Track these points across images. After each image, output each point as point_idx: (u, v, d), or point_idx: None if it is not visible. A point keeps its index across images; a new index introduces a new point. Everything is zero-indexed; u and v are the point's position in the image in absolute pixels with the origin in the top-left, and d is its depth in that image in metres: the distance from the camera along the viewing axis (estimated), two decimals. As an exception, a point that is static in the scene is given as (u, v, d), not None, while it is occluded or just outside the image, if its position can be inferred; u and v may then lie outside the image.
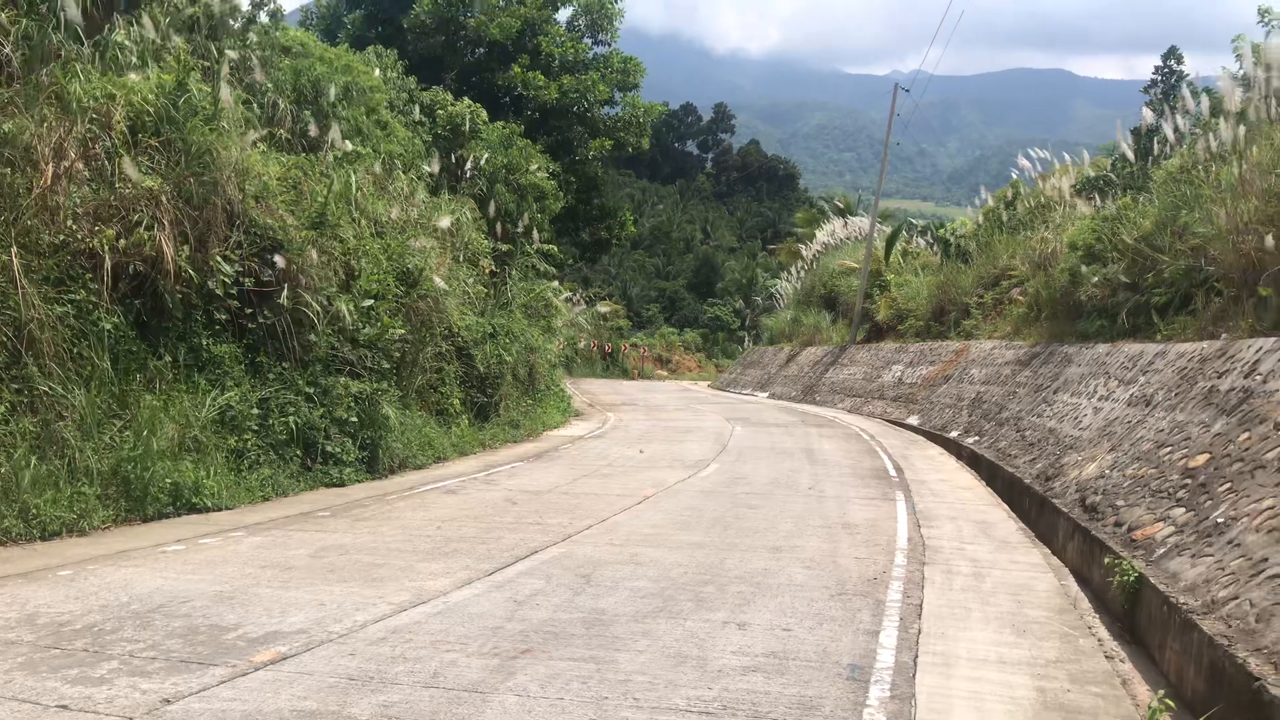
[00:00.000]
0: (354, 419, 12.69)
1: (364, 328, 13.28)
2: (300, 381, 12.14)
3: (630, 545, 9.03)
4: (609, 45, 35.34)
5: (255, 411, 11.34)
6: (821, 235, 47.32)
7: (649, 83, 37.87)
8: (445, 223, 15.96)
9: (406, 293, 14.73)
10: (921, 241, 38.57)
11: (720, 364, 64.07)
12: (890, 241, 36.90)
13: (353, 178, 14.59)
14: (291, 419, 11.81)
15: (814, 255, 46.89)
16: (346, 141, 16.07)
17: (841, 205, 52.57)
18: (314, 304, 12.31)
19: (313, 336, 12.37)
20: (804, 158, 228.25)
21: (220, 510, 10.19)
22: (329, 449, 12.33)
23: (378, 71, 20.39)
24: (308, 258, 12.33)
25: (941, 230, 34.71)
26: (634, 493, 12.19)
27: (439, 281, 15.37)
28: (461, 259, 18.29)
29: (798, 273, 48.99)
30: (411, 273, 14.95)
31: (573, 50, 33.39)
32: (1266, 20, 15.08)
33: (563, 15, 35.74)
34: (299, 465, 11.94)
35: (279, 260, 11.83)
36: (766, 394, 37.85)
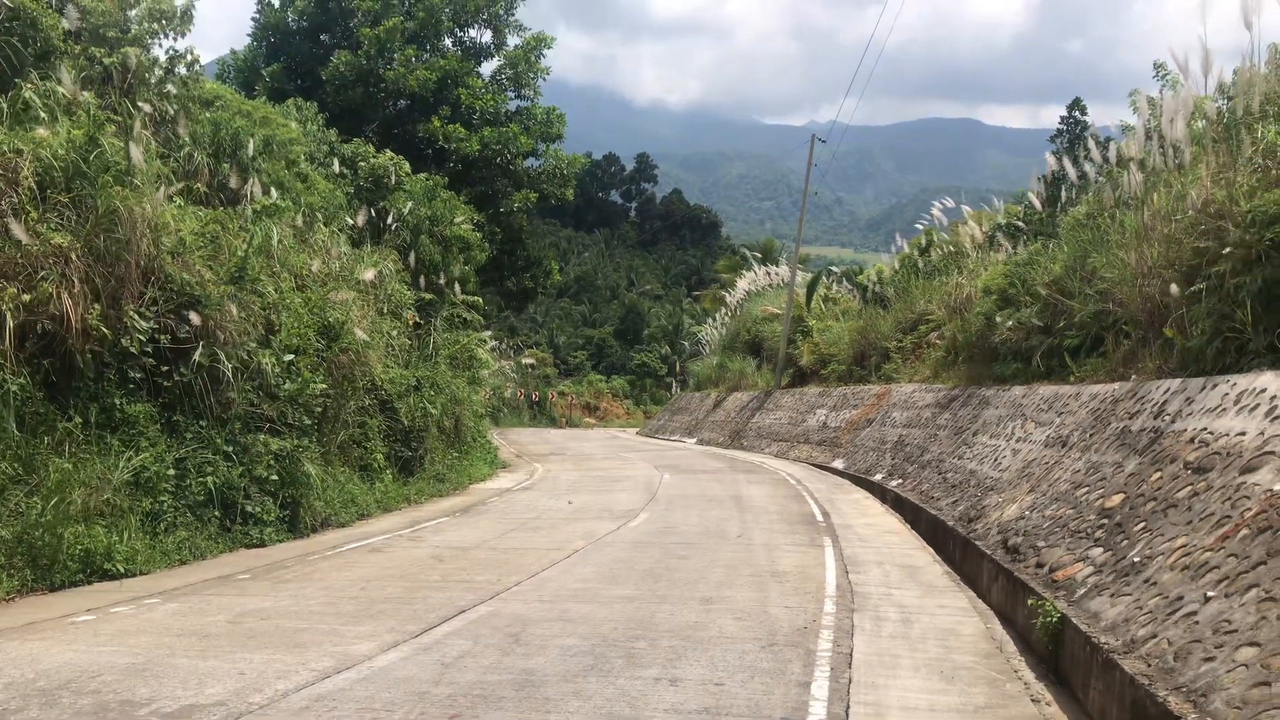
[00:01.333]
0: (274, 477, 12.40)
1: (285, 383, 13.03)
2: (218, 440, 11.85)
3: (560, 601, 8.93)
4: (531, 99, 35.58)
5: (171, 472, 11.02)
6: (744, 283, 47.94)
7: (571, 133, 38.17)
8: (369, 275, 15.81)
9: (328, 346, 14.52)
10: (841, 288, 39.28)
11: (648, 410, 64.20)
12: (811, 288, 37.49)
13: (273, 231, 14.40)
14: (210, 479, 11.50)
15: (737, 302, 47.46)
16: (267, 195, 15.89)
17: (761, 255, 53.36)
18: (233, 360, 12.06)
19: (231, 393, 12.10)
20: (726, 206, 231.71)
21: (134, 576, 9.84)
22: (249, 509, 12.02)
23: (296, 124, 20.22)
24: (226, 313, 12.10)
25: (860, 276, 35.40)
26: (563, 546, 12.08)
27: (361, 334, 15.19)
28: (385, 311, 18.11)
29: (722, 319, 49.51)
30: (333, 326, 14.75)
31: (494, 103, 33.53)
32: (1161, 75, 15.78)
33: (488, 67, 36.00)
34: (218, 526, 11.60)
35: (195, 317, 11.58)
36: (694, 440, 37.98)
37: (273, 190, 16.06)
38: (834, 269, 45.06)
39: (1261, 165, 10.59)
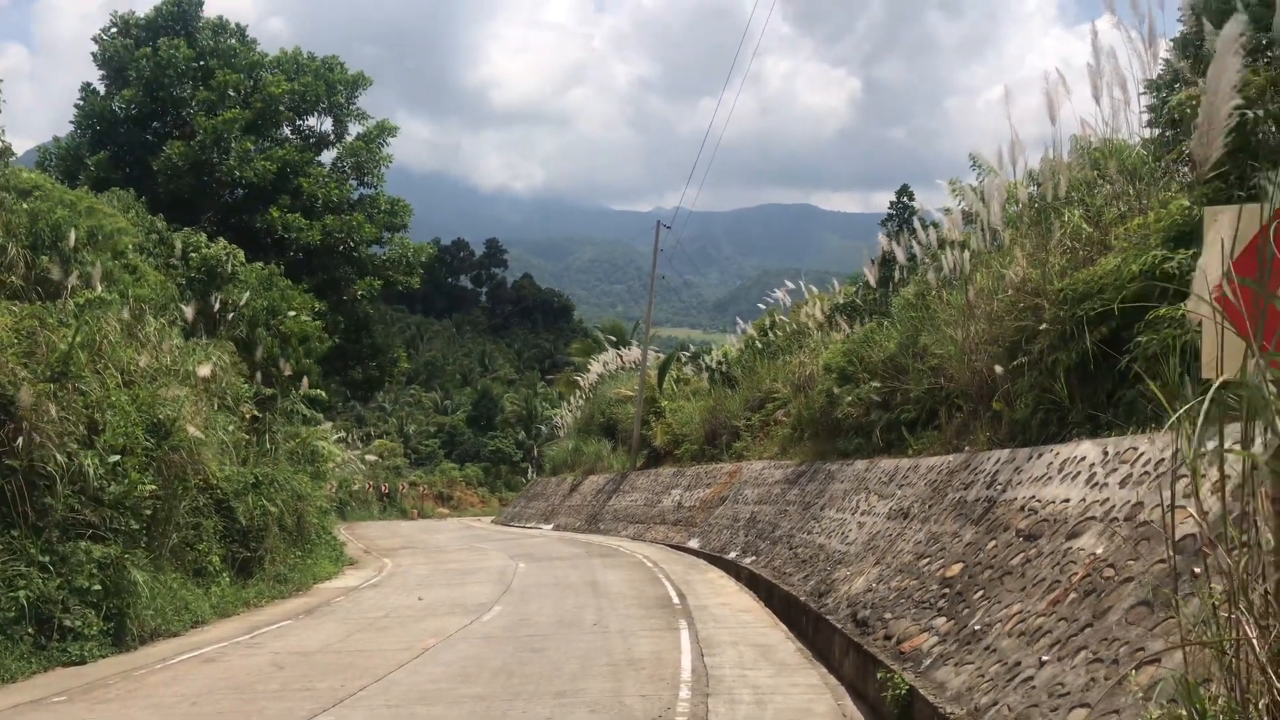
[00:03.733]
0: (97, 587, 11.57)
1: (109, 486, 12.25)
2: (33, 550, 11.01)
3: (408, 704, 8.55)
4: (376, 187, 35.26)
5: (-24, 588, 10.15)
6: (596, 366, 48.20)
7: (418, 219, 37.94)
8: (205, 370, 15.11)
9: (158, 445, 13.75)
10: (691, 369, 39.94)
11: (504, 497, 63.26)
12: (663, 369, 38.01)
13: (98, 325, 13.67)
14: (22, 593, 10.64)
15: (591, 385, 47.63)
16: (91, 287, 15.12)
17: (615, 337, 53.86)
18: (51, 463, 11.28)
19: (49, 499, 11.30)
20: (577, 290, 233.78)
21: (-69, 706, 8.95)
22: (67, 623, 11.15)
23: (121, 214, 19.42)
24: (44, 413, 11.34)
25: (709, 356, 36.11)
26: (413, 645, 11.62)
27: (194, 431, 14.47)
28: (220, 406, 17.35)
29: (577, 402, 49.51)
30: (163, 424, 14.00)
31: (337, 192, 33.05)
32: (976, 164, 16.86)
33: (330, 155, 35.52)
34: (31, 645, 10.70)
35: (6, 419, 10.81)
36: (551, 526, 37.53)
37: (98, 283, 15.29)
38: (686, 350, 45.85)
39: (1070, 246, 11.39)
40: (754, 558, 17.75)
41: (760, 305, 32.51)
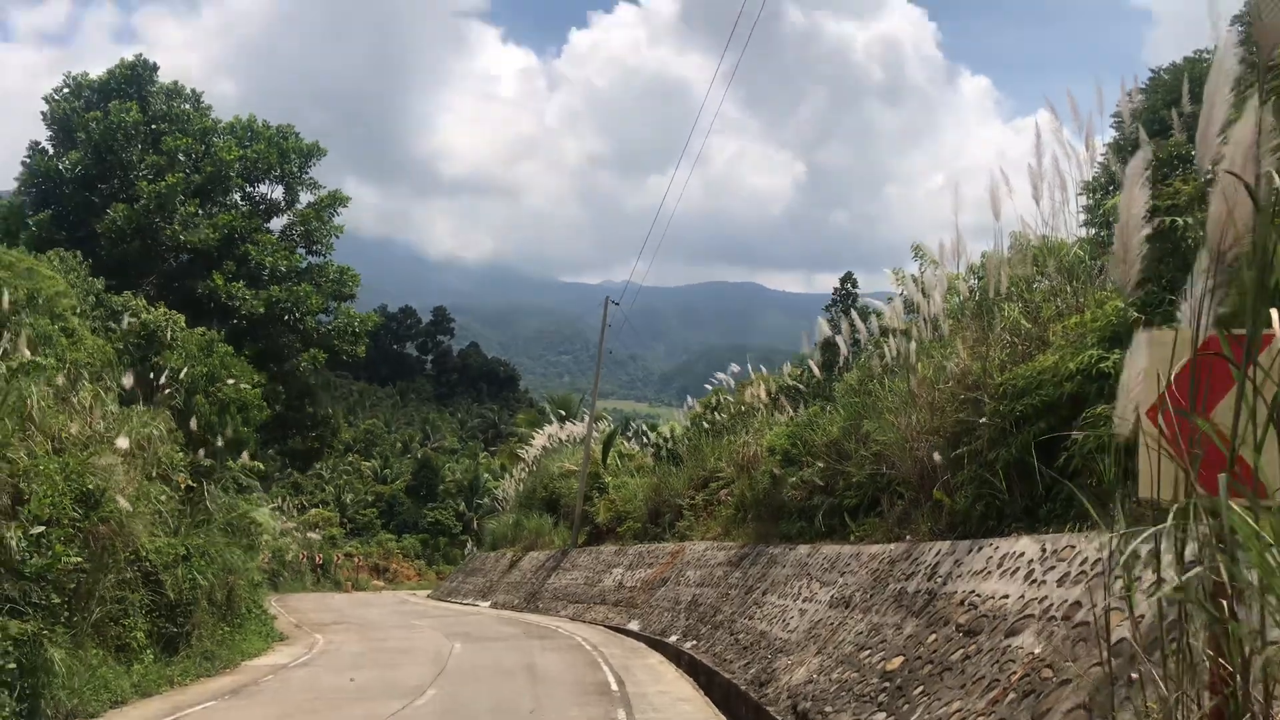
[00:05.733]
0: (12, 666, 11.05)
1: (31, 558, 11.81)
2: (-55, 626, 10.54)
3: (336, 797, 8.24)
4: (324, 255, 35.12)
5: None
6: (541, 438, 47.88)
7: (365, 284, 37.78)
8: (123, 444, 14.65)
9: (86, 516, 13.33)
10: (636, 444, 39.86)
11: (441, 570, 62.11)
12: (607, 444, 37.86)
13: (30, 391, 13.32)
14: (-69, 672, 10.16)
15: (535, 458, 47.23)
16: (24, 350, 14.77)
17: (564, 412, 53.65)
18: (-31, 535, 10.88)
19: (-36, 573, 10.86)
20: (524, 360, 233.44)
21: None
22: (-22, 704, 10.63)
23: (60, 277, 19.08)
24: (-36, 482, 10.97)
25: (654, 433, 36.08)
26: (343, 731, 11.25)
27: (123, 502, 14.05)
28: (154, 475, 16.91)
29: (519, 475, 49.00)
30: (93, 493, 13.59)
31: (285, 261, 32.84)
32: (919, 255, 17.26)
33: (279, 223, 35.34)
34: (-66, 729, 10.20)
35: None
36: (489, 603, 36.86)
37: (27, 348, 14.93)
38: (632, 426, 45.82)
39: (1009, 341, 11.65)
40: (695, 642, 17.56)
41: (706, 384, 32.69)
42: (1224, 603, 3.22)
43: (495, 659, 18.22)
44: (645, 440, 38.78)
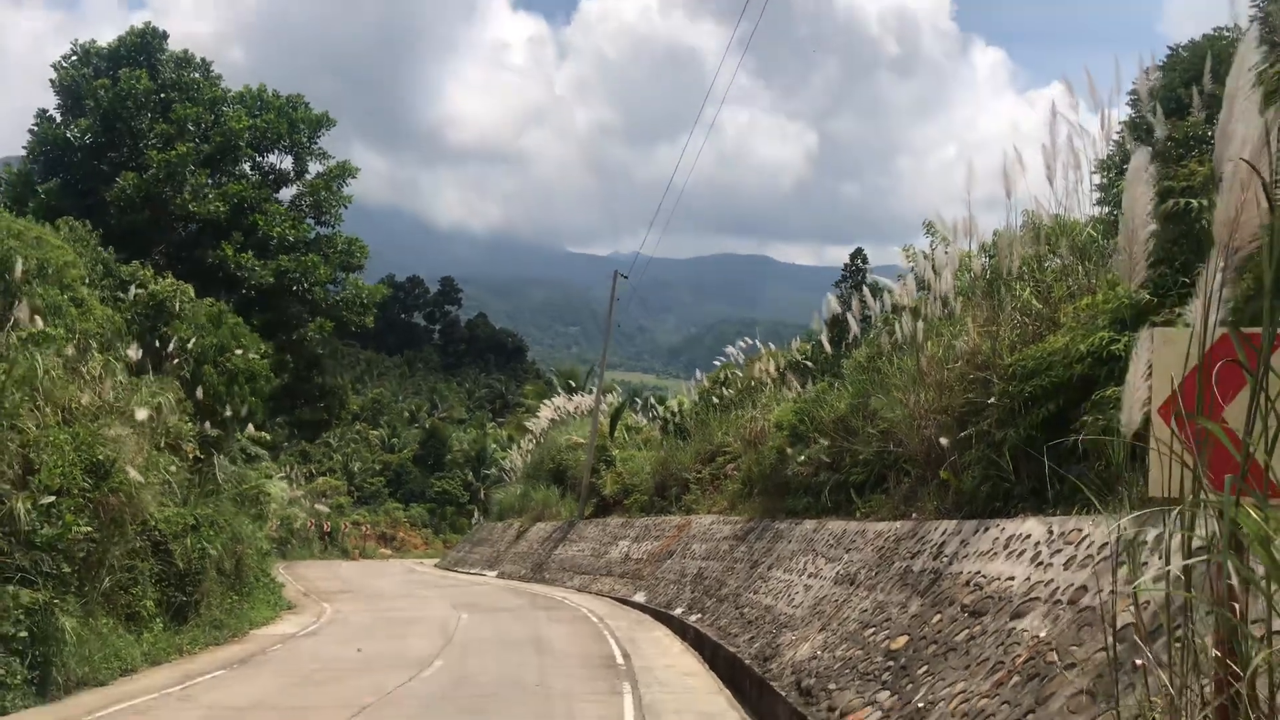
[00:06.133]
0: (24, 634, 11.18)
1: (42, 528, 11.91)
2: (-43, 595, 10.64)
3: (344, 769, 8.34)
4: (333, 226, 35.04)
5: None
6: (548, 410, 47.97)
7: (373, 253, 37.66)
8: (142, 414, 14.76)
9: (96, 486, 13.41)
10: (644, 417, 39.91)
11: (448, 540, 62.45)
12: (614, 418, 37.93)
13: (39, 361, 13.36)
14: (-57, 640, 10.27)
15: (542, 429, 47.33)
16: (35, 320, 14.80)
17: (572, 383, 53.70)
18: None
19: (-25, 542, 10.95)
20: (532, 330, 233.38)
21: None
22: (-10, 671, 10.75)
23: (70, 247, 19.09)
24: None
25: (662, 407, 36.12)
26: (350, 703, 11.34)
27: (134, 473, 14.12)
28: (163, 445, 16.99)
29: (527, 446, 49.13)
30: (103, 464, 13.66)
31: (293, 231, 32.78)
32: (931, 231, 17.14)
33: (288, 193, 35.26)
34: (-51, 694, 10.32)
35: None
36: (495, 573, 37.10)
37: (39, 318, 14.96)
38: (639, 398, 45.84)
39: (1020, 321, 11.59)
40: (700, 615, 17.66)
41: (715, 357, 32.67)
42: (1228, 598, 3.22)
43: (502, 630, 18.35)
44: (654, 414, 38.82)
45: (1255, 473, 2.88)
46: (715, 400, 28.93)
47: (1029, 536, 8.27)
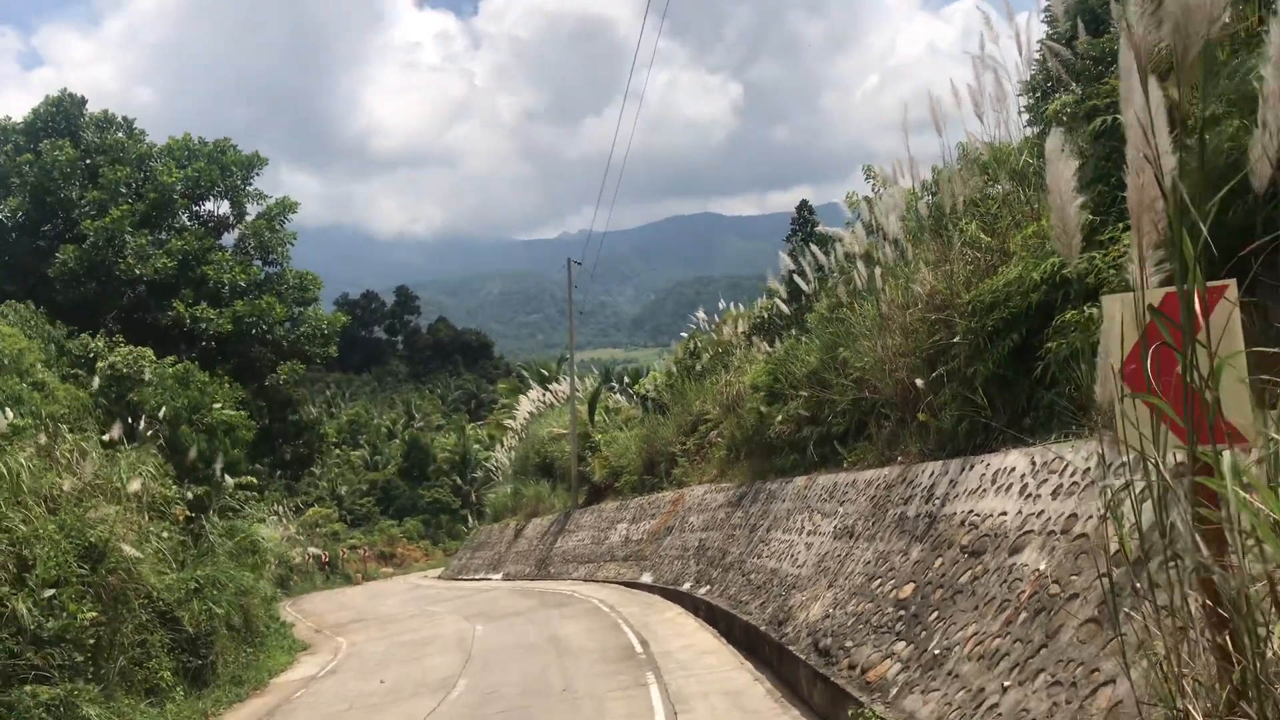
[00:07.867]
0: (49, 731, 11.19)
1: (47, 622, 11.88)
2: (-27, 707, 10.62)
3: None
4: (281, 264, 34.70)
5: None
6: (526, 404, 48.00)
7: (319, 273, 37.31)
8: (135, 486, 14.70)
9: (93, 570, 13.37)
10: (622, 397, 40.04)
11: (447, 547, 62.49)
12: (592, 402, 38.04)
13: (18, 458, 13.24)
14: (-29, 752, 10.27)
15: (522, 424, 47.36)
16: (4, 412, 14.66)
17: (545, 373, 53.66)
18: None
19: (-17, 650, 10.92)
20: (494, 325, 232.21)
21: None
22: (24, 774, 10.77)
23: (20, 331, 18.84)
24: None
25: (638, 386, 36.25)
26: (384, 738, 11.46)
27: (129, 549, 14.08)
28: (150, 515, 16.90)
29: (510, 443, 49.16)
30: (96, 546, 13.61)
31: (243, 275, 32.44)
32: (870, 175, 17.33)
33: (231, 238, 34.84)
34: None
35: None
36: (500, 575, 37.22)
37: (7, 410, 14.82)
38: (613, 377, 45.91)
39: (972, 256, 11.78)
40: (708, 587, 17.87)
41: (678, 320, 32.87)
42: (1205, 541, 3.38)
43: (518, 636, 18.49)
44: (629, 392, 38.96)
45: (1216, 424, 3.05)
46: (689, 369, 29.08)
47: (1014, 469, 8.47)
